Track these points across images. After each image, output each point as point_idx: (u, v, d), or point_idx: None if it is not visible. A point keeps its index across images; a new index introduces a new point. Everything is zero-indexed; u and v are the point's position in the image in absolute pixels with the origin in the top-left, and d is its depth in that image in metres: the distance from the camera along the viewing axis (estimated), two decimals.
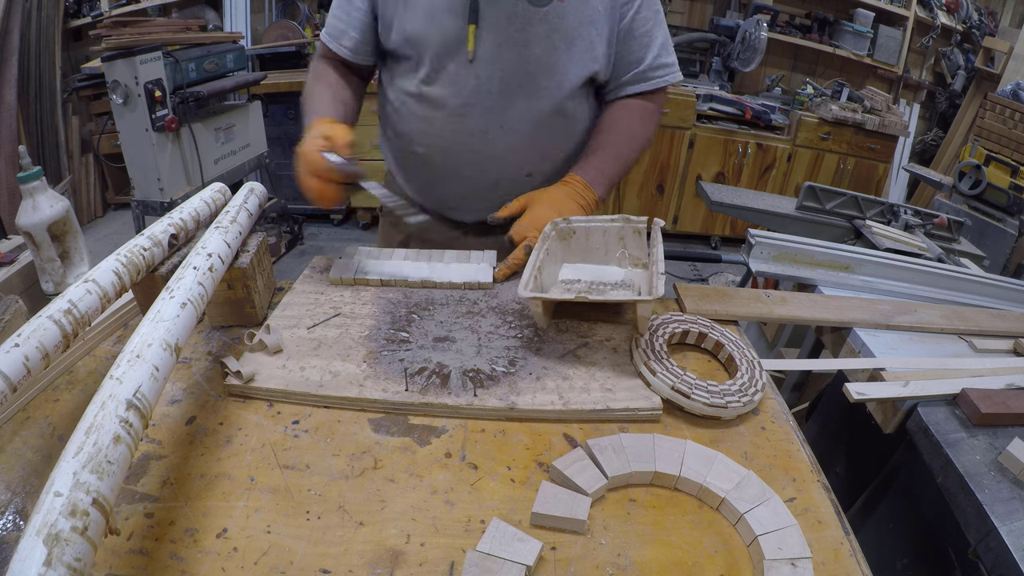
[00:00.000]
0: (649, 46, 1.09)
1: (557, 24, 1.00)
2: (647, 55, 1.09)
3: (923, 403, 0.89)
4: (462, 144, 1.08)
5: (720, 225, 3.95)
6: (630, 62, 1.09)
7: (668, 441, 0.67)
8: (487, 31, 0.99)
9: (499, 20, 0.99)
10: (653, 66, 1.10)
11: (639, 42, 1.08)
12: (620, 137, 1.12)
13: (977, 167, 2.82)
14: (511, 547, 0.54)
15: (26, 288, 0.98)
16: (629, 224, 1.00)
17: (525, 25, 0.99)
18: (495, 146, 1.08)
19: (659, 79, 1.11)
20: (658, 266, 0.84)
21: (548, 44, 1.01)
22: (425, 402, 0.72)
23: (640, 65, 1.09)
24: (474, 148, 1.08)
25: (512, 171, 1.11)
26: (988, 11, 4.24)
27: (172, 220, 0.83)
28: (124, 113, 2.45)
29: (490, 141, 1.07)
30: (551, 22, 1.00)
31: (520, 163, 1.11)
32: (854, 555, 0.58)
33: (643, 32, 1.07)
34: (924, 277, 1.25)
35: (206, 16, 3.63)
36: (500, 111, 1.05)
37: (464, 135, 1.07)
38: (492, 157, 1.09)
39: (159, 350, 0.57)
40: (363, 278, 0.96)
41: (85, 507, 0.41)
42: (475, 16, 0.98)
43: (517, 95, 1.04)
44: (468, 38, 0.99)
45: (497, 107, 1.05)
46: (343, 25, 1.09)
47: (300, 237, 3.65)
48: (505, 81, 1.03)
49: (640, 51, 1.09)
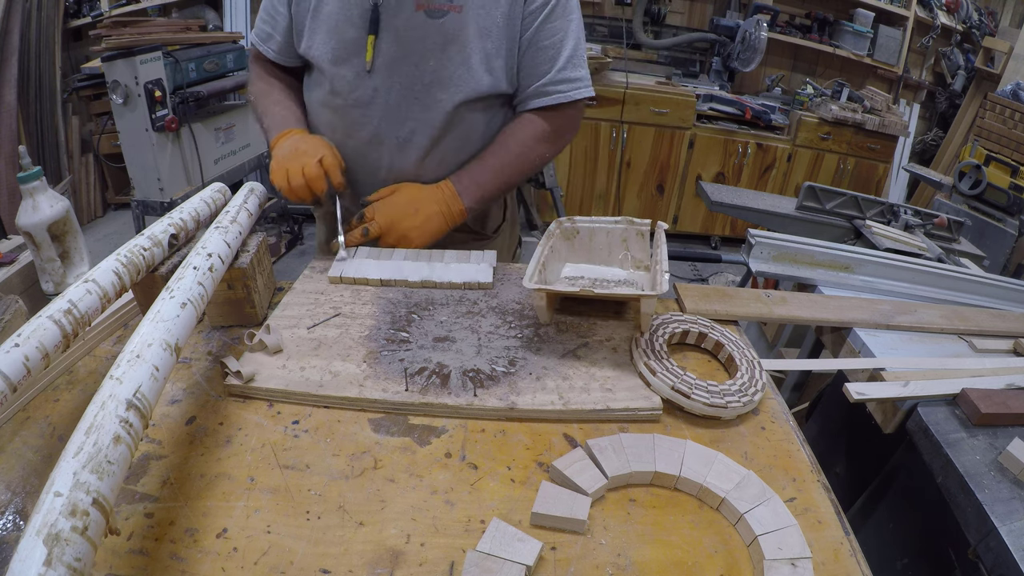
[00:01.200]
0: (555, 59, 1.04)
1: (453, 36, 0.99)
2: (552, 68, 1.04)
3: (923, 403, 0.89)
4: (362, 152, 1.09)
5: (720, 225, 3.96)
6: (534, 74, 1.05)
7: (668, 441, 0.67)
8: (386, 42, 1.00)
9: (397, 31, 0.99)
10: (556, 80, 1.05)
11: (544, 54, 1.04)
12: (507, 152, 1.09)
13: (977, 167, 2.82)
14: (511, 547, 0.54)
15: (26, 288, 0.98)
16: (633, 226, 1.00)
17: (422, 37, 0.99)
18: (392, 156, 1.09)
19: (560, 94, 1.06)
20: (662, 264, 0.85)
21: (443, 56, 1.00)
22: (425, 402, 0.72)
23: (543, 78, 1.05)
24: (372, 156, 1.09)
25: (411, 180, 1.11)
26: (988, 11, 4.24)
27: (172, 220, 0.83)
28: (124, 113, 2.45)
29: (387, 150, 1.08)
30: (446, 34, 0.99)
31: (417, 173, 1.10)
32: (854, 555, 0.58)
33: (549, 44, 1.03)
34: (924, 277, 1.25)
35: (206, 16, 3.63)
36: (397, 122, 1.05)
37: (363, 144, 1.08)
38: (390, 167, 1.10)
39: (159, 350, 0.57)
40: (363, 278, 0.96)
41: (85, 507, 0.41)
42: (375, 27, 0.98)
43: (413, 106, 1.04)
44: (367, 48, 1.00)
45: (394, 118, 1.05)
46: (269, 28, 1.10)
47: (300, 237, 3.65)
48: (402, 92, 1.03)
49: (544, 64, 1.04)
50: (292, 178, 0.98)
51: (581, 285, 0.96)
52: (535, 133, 1.09)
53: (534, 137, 1.09)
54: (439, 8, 0.97)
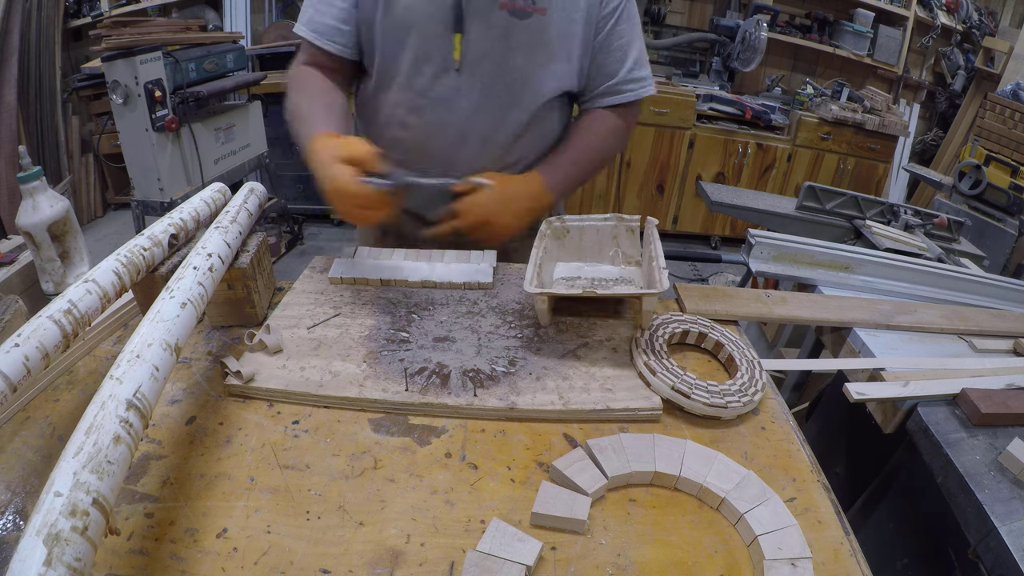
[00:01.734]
0: (624, 60, 1.08)
1: (538, 37, 1.00)
2: (621, 68, 1.09)
3: (923, 403, 0.89)
4: (439, 150, 1.08)
5: (720, 225, 3.95)
6: (605, 75, 1.09)
7: (668, 441, 0.67)
8: (471, 41, 0.99)
9: (482, 30, 0.99)
10: (626, 79, 1.10)
11: (615, 55, 1.08)
12: (588, 146, 1.13)
13: (977, 167, 2.82)
14: (511, 547, 0.54)
15: (26, 288, 0.98)
16: (622, 223, 1.00)
17: (506, 36, 0.99)
18: (471, 153, 1.08)
19: (631, 92, 1.11)
20: (659, 261, 0.85)
21: (528, 56, 1.01)
22: (425, 402, 0.72)
23: (614, 78, 1.09)
24: (451, 155, 1.08)
25: None
26: (988, 11, 4.24)
27: (172, 220, 0.83)
28: (124, 113, 2.45)
29: (467, 148, 1.08)
30: (532, 34, 1.00)
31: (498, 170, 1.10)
32: (854, 555, 0.58)
33: (619, 46, 1.07)
34: (924, 277, 1.25)
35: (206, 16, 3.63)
36: (479, 120, 1.05)
37: (442, 142, 1.07)
38: (466, 165, 1.08)
39: (159, 350, 0.57)
40: (363, 278, 0.96)
41: (85, 507, 0.41)
42: (460, 25, 0.98)
43: (496, 105, 1.04)
44: (455, 47, 0.99)
45: (476, 116, 1.05)
46: (328, 19, 1.02)
47: (300, 237, 3.65)
48: (485, 91, 1.03)
49: (615, 64, 1.08)
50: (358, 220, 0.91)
51: (580, 286, 0.96)
52: (609, 128, 1.13)
53: (609, 132, 1.14)
54: (523, 9, 0.98)
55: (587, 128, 1.13)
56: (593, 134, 1.13)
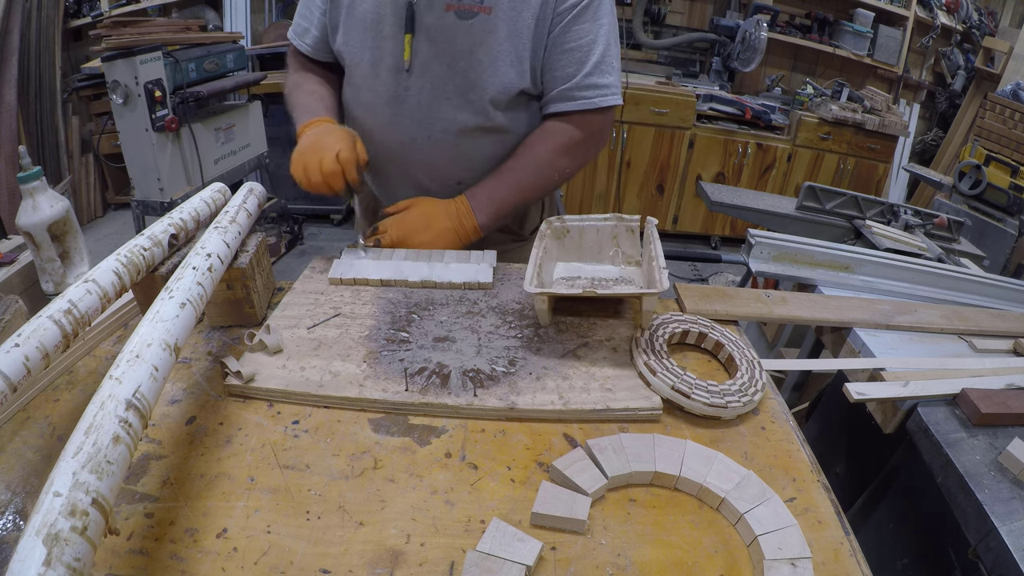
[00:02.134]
0: (583, 62, 1.00)
1: (482, 38, 0.99)
2: (578, 72, 1.01)
3: (923, 403, 0.89)
4: (393, 151, 1.10)
5: (720, 225, 3.96)
6: (559, 77, 1.02)
7: (668, 441, 0.67)
8: (420, 42, 1.00)
9: (429, 31, 0.99)
10: (581, 85, 1.01)
11: (570, 56, 1.00)
12: (525, 167, 1.07)
13: (977, 167, 2.82)
14: (511, 547, 0.54)
15: (26, 288, 0.98)
16: (622, 223, 1.00)
17: (452, 38, 0.99)
18: (423, 155, 1.09)
19: (585, 100, 1.02)
20: (659, 260, 0.85)
21: (472, 57, 1.00)
22: (425, 402, 0.72)
23: (568, 82, 1.02)
24: (404, 155, 1.10)
25: (442, 179, 1.12)
26: (988, 11, 4.24)
27: (172, 220, 0.83)
28: (124, 113, 2.45)
29: (418, 149, 1.09)
30: (475, 35, 0.99)
31: (448, 172, 1.12)
32: (854, 555, 0.58)
33: (576, 46, 1.00)
34: (924, 277, 1.25)
35: (206, 16, 3.63)
36: (428, 121, 1.06)
37: (395, 142, 1.09)
38: (421, 165, 1.10)
39: (158, 350, 0.57)
40: (363, 278, 0.96)
41: (84, 507, 0.41)
42: (411, 25, 0.99)
43: (444, 106, 1.04)
44: (404, 47, 1.00)
45: (425, 117, 1.06)
46: (306, 23, 1.12)
47: (300, 237, 3.65)
48: (434, 92, 1.03)
49: (570, 66, 1.01)
50: (309, 173, 0.97)
51: (580, 285, 0.96)
52: (556, 145, 1.06)
53: (555, 150, 1.06)
54: (468, 9, 0.97)
55: (530, 146, 1.07)
56: (535, 154, 1.06)
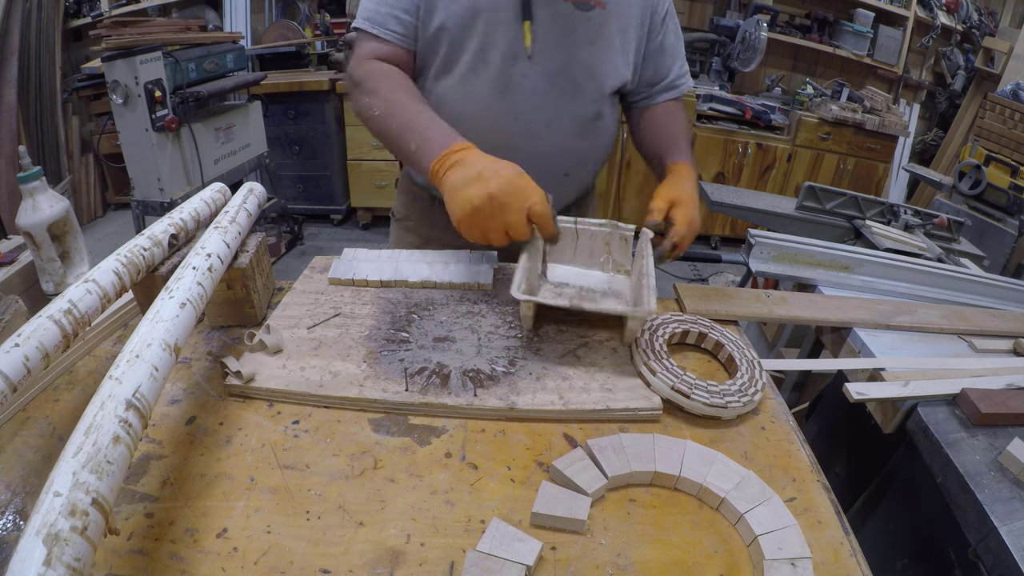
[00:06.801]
0: (676, 57, 1.18)
1: (599, 29, 1.02)
2: (675, 66, 1.18)
3: (923, 403, 0.89)
4: (505, 141, 1.03)
5: (720, 225, 3.95)
6: (664, 72, 1.17)
7: (668, 441, 0.67)
8: (539, 29, 1.00)
9: (548, 20, 0.99)
10: (679, 75, 1.20)
11: (670, 55, 1.16)
12: (683, 129, 1.21)
13: (977, 167, 2.82)
14: (511, 547, 0.54)
15: (26, 288, 0.98)
16: (617, 230, 1.00)
17: (571, 27, 1.00)
18: (539, 145, 1.07)
19: (684, 86, 1.22)
20: (649, 279, 0.82)
21: (591, 48, 1.03)
22: (425, 402, 0.72)
23: (670, 75, 1.18)
24: (518, 146, 1.04)
25: (553, 170, 1.09)
26: (988, 11, 4.24)
27: (172, 220, 0.83)
28: (124, 113, 2.45)
29: (534, 139, 1.06)
30: (593, 26, 1.02)
31: (560, 163, 1.11)
32: (854, 555, 0.58)
33: (671, 46, 1.16)
34: (924, 277, 1.25)
35: (206, 16, 3.63)
36: (546, 110, 1.05)
37: (509, 132, 1.05)
38: (535, 155, 1.04)
39: (158, 350, 0.57)
40: (363, 278, 0.96)
41: (84, 507, 0.41)
42: (528, 13, 0.98)
43: (563, 96, 1.05)
44: (525, 34, 0.99)
45: (544, 106, 1.05)
46: (387, 8, 1.00)
47: (300, 237, 3.65)
48: (553, 81, 1.03)
49: (670, 63, 1.17)
50: (493, 239, 0.83)
51: (569, 294, 0.95)
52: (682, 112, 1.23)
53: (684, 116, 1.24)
54: (586, 2, 1.00)
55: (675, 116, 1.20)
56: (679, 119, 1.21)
